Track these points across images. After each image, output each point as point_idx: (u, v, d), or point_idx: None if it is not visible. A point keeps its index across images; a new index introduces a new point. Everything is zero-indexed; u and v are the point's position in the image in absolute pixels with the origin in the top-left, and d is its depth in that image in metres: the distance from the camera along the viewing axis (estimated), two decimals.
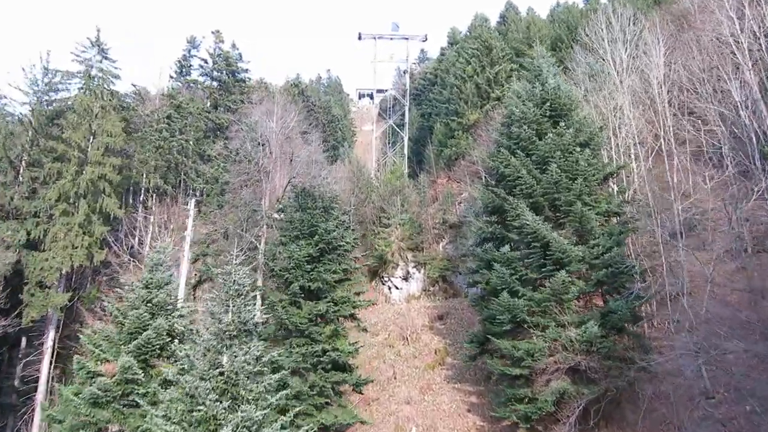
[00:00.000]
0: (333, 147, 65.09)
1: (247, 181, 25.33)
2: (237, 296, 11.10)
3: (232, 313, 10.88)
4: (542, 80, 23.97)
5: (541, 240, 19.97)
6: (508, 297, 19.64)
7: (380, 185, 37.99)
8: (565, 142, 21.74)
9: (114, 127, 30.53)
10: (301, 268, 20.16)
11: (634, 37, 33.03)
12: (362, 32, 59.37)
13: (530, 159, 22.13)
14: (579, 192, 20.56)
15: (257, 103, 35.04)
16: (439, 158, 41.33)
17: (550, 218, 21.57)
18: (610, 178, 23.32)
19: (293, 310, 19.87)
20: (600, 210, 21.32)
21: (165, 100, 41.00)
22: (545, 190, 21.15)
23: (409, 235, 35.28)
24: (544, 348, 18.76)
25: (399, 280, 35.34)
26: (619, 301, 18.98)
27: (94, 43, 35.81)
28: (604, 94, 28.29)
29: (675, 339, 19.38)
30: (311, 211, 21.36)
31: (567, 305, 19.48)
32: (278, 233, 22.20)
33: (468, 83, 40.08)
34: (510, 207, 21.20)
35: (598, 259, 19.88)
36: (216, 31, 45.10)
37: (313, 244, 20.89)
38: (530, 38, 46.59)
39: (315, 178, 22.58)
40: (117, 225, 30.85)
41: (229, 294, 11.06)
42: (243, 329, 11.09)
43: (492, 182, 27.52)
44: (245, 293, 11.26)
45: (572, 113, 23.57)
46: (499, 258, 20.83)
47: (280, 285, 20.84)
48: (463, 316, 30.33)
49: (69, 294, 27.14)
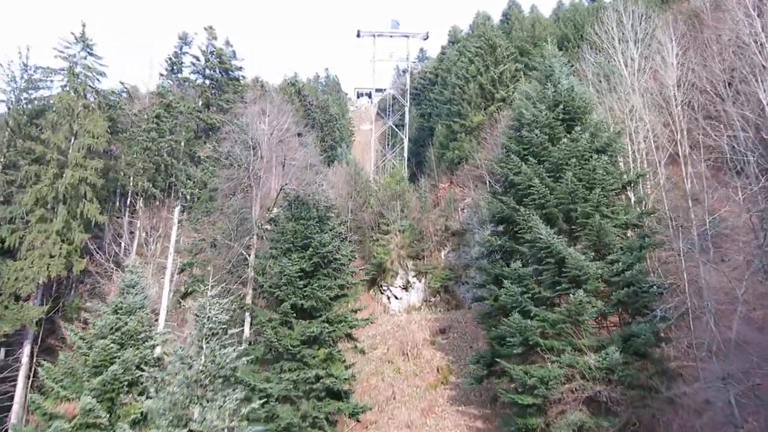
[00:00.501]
0: (330, 147, 63.43)
1: (237, 187, 23.55)
2: (211, 336, 9.39)
3: (205, 356, 9.19)
4: (554, 81, 22.31)
5: (556, 256, 18.30)
6: (519, 318, 17.96)
7: (379, 189, 36.26)
8: (581, 148, 20.09)
9: (97, 127, 28.73)
10: (293, 284, 18.41)
11: (647, 35, 31.52)
12: (361, 30, 57.64)
13: (542, 166, 20.45)
14: (597, 203, 18.89)
15: (251, 103, 33.28)
16: (440, 161, 39.60)
17: (564, 231, 19.92)
18: (627, 188, 21.60)
19: (284, 330, 18.13)
20: (618, 222, 19.64)
21: (155, 99, 39.22)
22: (559, 201, 19.48)
23: (410, 243, 33.55)
24: (559, 375, 17.07)
25: (399, 290, 33.62)
26: (642, 324, 17.29)
27: (79, 39, 34.02)
28: (619, 96, 26.60)
29: (701, 366, 17.70)
30: (305, 221, 19.63)
31: (584, 327, 17.80)
32: (269, 245, 20.47)
33: (471, 83, 38.35)
34: (521, 219, 19.48)
35: (618, 276, 18.23)
36: (209, 28, 43.31)
37: (306, 257, 19.16)
38: (535, 37, 45.02)
39: (309, 185, 20.82)
40: (100, 231, 29.03)
41: (202, 333, 9.34)
42: (218, 375, 9.37)
43: (499, 190, 25.85)
44: (221, 332, 9.53)
45: (587, 117, 21.94)
46: (509, 274, 19.13)
47: (271, 303, 19.13)
48: (467, 330, 28.64)
49: (46, 307, 25.32)
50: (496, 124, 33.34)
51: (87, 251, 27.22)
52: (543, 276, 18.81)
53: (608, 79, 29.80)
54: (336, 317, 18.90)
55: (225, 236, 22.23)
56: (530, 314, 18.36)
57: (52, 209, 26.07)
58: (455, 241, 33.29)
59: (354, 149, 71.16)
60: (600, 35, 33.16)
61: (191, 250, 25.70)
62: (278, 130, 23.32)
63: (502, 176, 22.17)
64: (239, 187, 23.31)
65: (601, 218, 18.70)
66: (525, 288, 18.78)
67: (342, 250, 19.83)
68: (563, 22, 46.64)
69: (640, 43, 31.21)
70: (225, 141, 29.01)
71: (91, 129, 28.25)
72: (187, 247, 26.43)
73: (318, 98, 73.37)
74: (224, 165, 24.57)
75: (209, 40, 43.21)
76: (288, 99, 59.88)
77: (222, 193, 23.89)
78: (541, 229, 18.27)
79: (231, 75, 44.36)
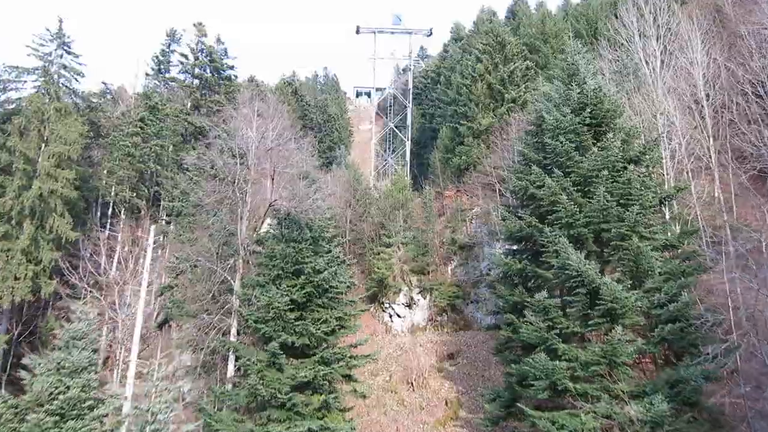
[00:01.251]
0: (329, 148, 60.96)
1: (223, 201, 20.95)
2: None
3: None
4: (579, 81, 19.68)
5: (589, 285, 15.69)
6: (545, 359, 15.37)
7: (380, 197, 33.65)
8: (612, 158, 17.48)
9: (71, 132, 26.18)
10: (283, 318, 15.84)
11: (669, 30, 29.05)
12: (360, 26, 54.89)
13: (569, 179, 17.86)
14: (634, 222, 16.29)
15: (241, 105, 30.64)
16: (445, 167, 36.96)
17: (593, 252, 17.33)
18: (664, 203, 19.03)
19: (272, 373, 15.55)
20: (657, 244, 17.06)
21: (139, 101, 36.65)
22: (589, 219, 16.88)
23: (413, 257, 30.94)
24: (595, 428, 14.49)
25: (401, 308, 31.04)
26: (692, 367, 14.69)
27: (55, 36, 31.49)
28: (651, 98, 24.04)
29: (760, 414, 15.15)
30: (296, 243, 17.07)
31: (622, 370, 15.21)
32: (255, 270, 17.93)
33: (479, 83, 35.72)
34: (546, 241, 16.88)
35: (660, 308, 15.66)
36: (198, 24, 40.75)
37: (298, 286, 16.59)
38: (545, 33, 42.41)
39: (302, 200, 18.21)
40: (75, 248, 26.38)
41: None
42: None
43: (514, 202, 23.30)
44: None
45: (616, 121, 19.36)
46: (532, 305, 16.54)
47: (257, 340, 16.59)
48: (478, 356, 26.07)
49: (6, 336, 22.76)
50: (507, 127, 30.74)
51: (58, 271, 24.64)
52: (572, 308, 16.22)
53: (630, 78, 27.28)
54: (333, 355, 16.30)
55: (208, 258, 19.63)
56: (558, 353, 15.79)
57: (17, 225, 23.50)
58: (463, 255, 30.72)
59: (353, 150, 68.78)
60: (619, 30, 30.74)
61: (173, 270, 23.11)
62: (268, 136, 20.68)
63: (520, 189, 19.55)
64: (225, 202, 20.70)
65: (639, 240, 16.15)
66: (551, 322, 16.19)
67: (339, 276, 17.24)
68: (575, 18, 44.04)
69: (662, 38, 28.80)
70: (213, 147, 26.45)
71: (63, 135, 25.70)
72: (170, 265, 23.85)
73: (316, 98, 70.89)
74: (210, 175, 21.97)
75: (199, 37, 40.66)
76: (284, 99, 57.23)
77: (206, 207, 21.26)
78: (571, 256, 15.67)
79: (222, 74, 41.82)
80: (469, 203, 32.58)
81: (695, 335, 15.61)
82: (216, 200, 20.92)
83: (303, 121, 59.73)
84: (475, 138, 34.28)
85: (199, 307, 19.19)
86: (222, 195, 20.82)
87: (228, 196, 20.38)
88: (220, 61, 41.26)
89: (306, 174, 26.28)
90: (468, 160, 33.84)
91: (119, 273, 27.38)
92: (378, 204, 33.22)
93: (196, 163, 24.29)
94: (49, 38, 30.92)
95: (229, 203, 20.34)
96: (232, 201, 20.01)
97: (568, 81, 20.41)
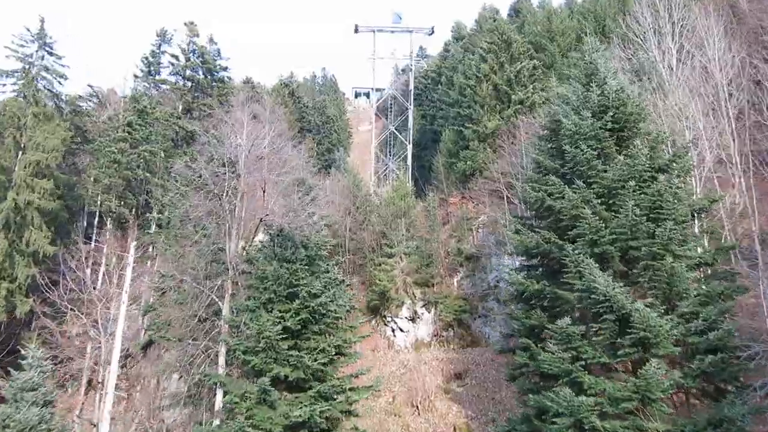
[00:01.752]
0: (328, 150, 59.27)
1: (211, 213, 19.21)
2: None
3: None
4: (599, 81, 18.01)
5: (618, 311, 14.00)
6: (570, 394, 13.67)
7: (381, 204, 31.93)
8: (641, 168, 15.81)
9: (50, 139, 24.52)
10: (275, 348, 14.15)
11: (685, 27, 27.55)
12: (359, 25, 53.10)
13: (591, 190, 16.19)
14: (667, 239, 14.60)
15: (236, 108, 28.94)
16: (450, 172, 35.22)
17: (619, 272, 15.66)
18: (696, 217, 17.34)
19: (263, 412, 13.85)
20: (691, 263, 15.39)
21: (127, 104, 34.86)
22: (616, 236, 15.20)
23: (417, 268, 29.22)
24: None
25: (405, 321, 29.33)
26: (737, 405, 13.00)
27: (36, 36, 29.77)
28: (670, 99, 22.37)
29: None
30: (290, 264, 15.37)
31: (656, 407, 13.52)
32: (245, 292, 16.23)
33: (484, 83, 33.99)
34: (568, 260, 15.18)
35: (698, 336, 13.99)
36: (189, 23, 38.91)
37: (292, 312, 14.89)
38: (552, 31, 40.76)
39: (297, 214, 16.49)
40: (54, 262, 24.65)
41: None
42: None
43: (527, 213, 21.67)
44: None
45: (640, 126, 17.70)
46: (554, 332, 14.84)
47: (247, 372, 14.91)
48: (487, 376, 24.39)
49: None
50: (515, 130, 29.05)
51: (35, 289, 22.93)
52: (599, 336, 14.53)
53: (647, 78, 25.64)
54: (331, 389, 14.61)
55: (194, 276, 17.91)
56: (583, 386, 14.11)
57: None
58: (469, 267, 29.01)
59: (352, 151, 67.18)
60: (631, 27, 29.21)
61: (158, 288, 21.40)
62: (260, 143, 18.97)
63: (536, 200, 17.85)
64: (213, 215, 18.97)
65: (673, 259, 14.48)
66: (575, 351, 14.49)
67: (338, 300, 15.54)
68: (582, 15, 42.38)
69: (677, 36, 27.28)
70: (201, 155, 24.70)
71: (42, 142, 24.03)
72: (153, 285, 22.13)
73: (314, 99, 69.18)
74: (197, 186, 20.24)
75: (190, 37, 38.85)
76: (281, 102, 55.49)
77: (192, 221, 19.54)
78: (598, 278, 13.98)
79: (215, 76, 40.02)
80: (476, 211, 30.88)
81: (739, 367, 13.95)
82: (203, 213, 19.17)
83: (301, 123, 58.00)
84: (480, 142, 32.54)
85: (184, 331, 17.47)
86: (210, 208, 19.08)
87: (215, 210, 18.65)
88: (212, 62, 39.49)
89: (302, 181, 24.59)
90: (474, 165, 32.12)
91: (104, 288, 25.72)
92: (379, 211, 31.50)
93: (183, 172, 22.52)
94: (30, 39, 29.28)
95: (216, 218, 18.62)
96: (220, 215, 18.28)
97: (586, 81, 18.77)
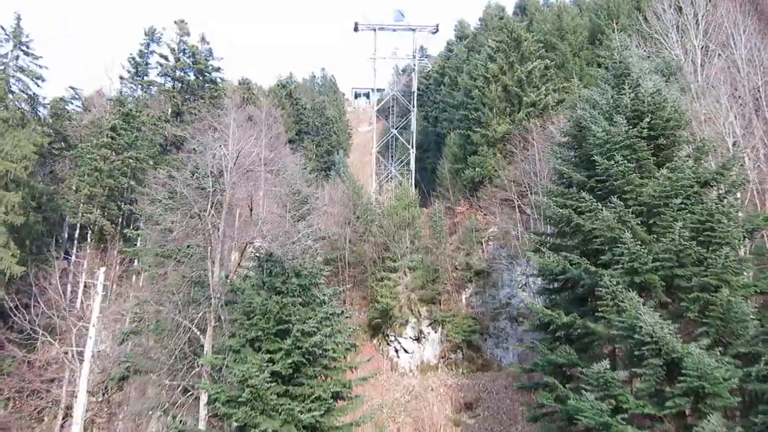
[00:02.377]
0: (327, 152, 57.16)
1: (195, 230, 17.06)
2: None
3: None
4: (631, 83, 15.89)
5: (667, 355, 11.84)
6: None
7: (383, 214, 29.78)
8: (686, 183, 13.67)
9: (20, 147, 22.39)
10: (262, 399, 12.02)
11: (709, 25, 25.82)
12: (359, 23, 50.87)
13: (628, 208, 14.03)
14: (722, 268, 12.44)
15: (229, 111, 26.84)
16: (456, 179, 33.04)
17: (662, 303, 13.51)
18: (748, 237, 15.18)
19: None
20: (747, 293, 13.23)
21: (112, 107, 32.76)
22: (660, 263, 13.04)
23: (422, 284, 27.05)
24: None
25: (409, 342, 27.17)
26: None
27: (11, 35, 27.66)
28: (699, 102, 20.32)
29: None
30: (281, 296, 13.23)
31: None
32: (228, 328, 14.10)
33: (492, 84, 31.83)
34: (606, 293, 13.03)
35: (761, 383, 11.82)
36: (180, 21, 36.82)
37: (283, 352, 12.75)
38: (562, 29, 38.60)
39: (290, 236, 14.34)
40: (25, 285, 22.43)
41: None
42: None
43: (549, 230, 19.53)
44: None
45: (679, 133, 15.57)
46: (589, 377, 12.66)
47: (229, 426, 12.76)
48: (501, 406, 22.21)
49: None
50: (527, 134, 26.89)
51: (2, 314, 20.80)
52: (644, 384, 12.36)
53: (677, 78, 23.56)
54: None
55: (174, 305, 15.76)
56: None
57: None
58: (479, 282, 26.83)
59: (352, 152, 65.14)
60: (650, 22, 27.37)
61: (136, 315, 19.24)
62: (248, 153, 16.81)
63: (560, 217, 15.69)
64: (196, 232, 16.82)
65: (729, 292, 12.33)
66: (616, 401, 12.32)
67: (337, 336, 13.41)
68: (593, 12, 40.20)
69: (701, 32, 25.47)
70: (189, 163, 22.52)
71: (10, 150, 21.85)
72: (131, 308, 19.98)
73: (314, 100, 67.03)
74: (179, 202, 18.06)
75: (180, 36, 36.75)
76: (278, 103, 53.30)
77: (173, 240, 17.39)
78: (643, 317, 11.82)
79: (207, 77, 37.90)
80: (485, 222, 28.71)
81: None
82: (185, 231, 17.01)
83: (299, 125, 55.88)
84: (489, 147, 30.37)
85: (162, 367, 15.35)
86: (193, 224, 16.92)
87: (199, 227, 16.49)
88: (204, 63, 37.40)
89: (297, 192, 22.45)
90: (483, 172, 29.93)
91: (82, 309, 23.60)
92: (381, 222, 29.35)
93: (165, 182, 20.36)
94: (3, 37, 27.13)
95: (199, 237, 16.45)
96: (203, 234, 16.12)
97: (616, 83, 16.65)
